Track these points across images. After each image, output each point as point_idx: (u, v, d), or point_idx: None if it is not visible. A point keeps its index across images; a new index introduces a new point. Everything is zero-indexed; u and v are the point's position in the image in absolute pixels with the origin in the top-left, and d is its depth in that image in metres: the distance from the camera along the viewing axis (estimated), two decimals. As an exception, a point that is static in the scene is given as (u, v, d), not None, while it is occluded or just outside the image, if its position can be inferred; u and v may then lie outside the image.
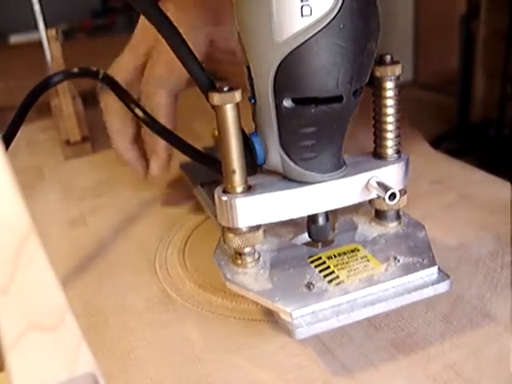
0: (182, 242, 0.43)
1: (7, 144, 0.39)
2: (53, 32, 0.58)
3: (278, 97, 0.29)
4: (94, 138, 0.65)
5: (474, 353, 0.29)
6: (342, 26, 0.27)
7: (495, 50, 1.70)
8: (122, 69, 0.45)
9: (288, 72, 0.28)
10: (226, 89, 0.28)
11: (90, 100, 0.65)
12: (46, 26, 0.64)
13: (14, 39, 2.11)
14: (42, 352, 0.18)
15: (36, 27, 0.68)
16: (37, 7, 0.69)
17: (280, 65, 0.28)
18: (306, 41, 0.27)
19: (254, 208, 0.30)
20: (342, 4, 0.26)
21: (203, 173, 0.44)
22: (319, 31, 0.27)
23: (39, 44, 0.65)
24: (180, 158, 0.43)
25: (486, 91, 1.81)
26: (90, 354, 0.19)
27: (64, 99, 0.60)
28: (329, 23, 0.26)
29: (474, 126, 1.84)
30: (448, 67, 2.21)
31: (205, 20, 0.44)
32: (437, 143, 1.49)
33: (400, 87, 0.32)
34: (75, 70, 0.44)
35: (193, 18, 0.44)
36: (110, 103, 0.45)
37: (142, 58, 0.45)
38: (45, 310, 0.18)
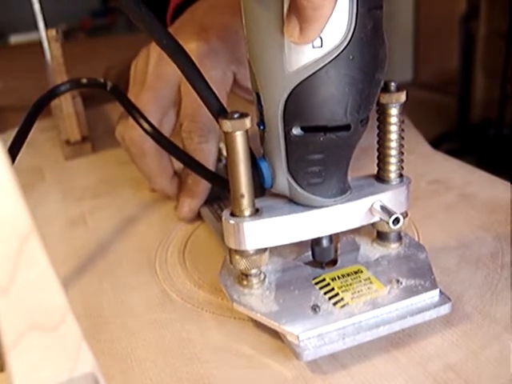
0: (182, 243, 0.43)
1: (14, 155, 0.38)
2: (53, 32, 0.58)
3: (287, 125, 0.30)
4: (93, 138, 0.65)
5: (474, 353, 0.29)
6: (351, 58, 0.27)
7: (495, 50, 1.69)
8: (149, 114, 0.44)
9: (298, 101, 0.29)
10: (236, 116, 0.29)
11: (89, 100, 0.65)
12: (46, 26, 0.64)
13: (14, 39, 2.12)
14: (43, 352, 0.18)
15: (36, 27, 0.68)
16: (37, 7, 0.69)
17: (290, 94, 0.28)
18: (317, 71, 0.27)
19: (261, 231, 0.31)
20: (352, 36, 0.27)
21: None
22: (329, 62, 0.27)
23: (39, 44, 0.65)
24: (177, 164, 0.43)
25: (486, 91, 1.81)
26: (91, 354, 0.19)
27: (64, 99, 0.60)
28: (339, 54, 0.27)
29: (474, 126, 1.84)
30: (448, 67, 2.21)
31: (229, 60, 0.45)
32: (437, 143, 1.49)
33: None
34: (84, 80, 0.44)
35: (218, 58, 0.45)
36: (145, 148, 0.44)
37: (167, 107, 0.45)
38: (45, 310, 0.18)
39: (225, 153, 0.32)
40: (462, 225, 0.41)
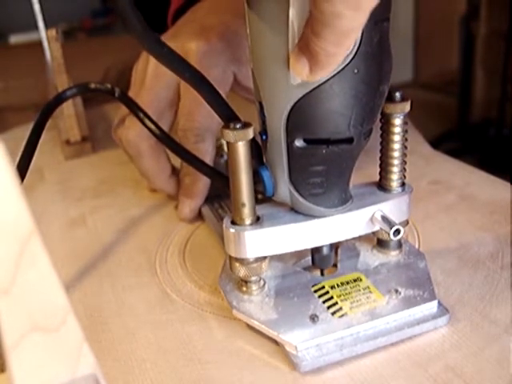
0: (182, 243, 0.43)
1: (24, 169, 0.38)
2: (53, 32, 0.58)
3: (289, 136, 0.30)
4: (93, 137, 0.65)
5: (474, 354, 0.29)
6: (356, 71, 0.27)
7: (495, 50, 1.69)
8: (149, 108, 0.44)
9: (301, 113, 0.28)
10: (238, 126, 0.29)
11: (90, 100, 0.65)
12: (46, 26, 0.64)
13: (14, 39, 2.12)
14: (44, 353, 0.18)
15: (36, 27, 0.68)
16: (37, 7, 0.69)
17: (294, 106, 0.28)
18: (321, 85, 0.27)
19: (262, 240, 0.31)
20: (358, 50, 0.26)
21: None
22: (334, 76, 0.27)
23: (39, 44, 0.65)
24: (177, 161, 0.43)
25: (486, 91, 1.81)
26: (92, 355, 0.19)
27: (64, 99, 0.60)
28: (343, 68, 0.27)
29: (474, 126, 1.84)
30: (448, 67, 2.21)
31: (229, 59, 0.45)
32: (437, 143, 1.49)
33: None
34: (92, 85, 0.44)
35: (218, 57, 0.45)
36: (142, 148, 0.45)
37: (164, 108, 0.45)
38: (47, 311, 0.18)
39: (226, 148, 0.32)
40: (462, 225, 0.41)
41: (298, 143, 0.30)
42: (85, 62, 0.99)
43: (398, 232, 0.31)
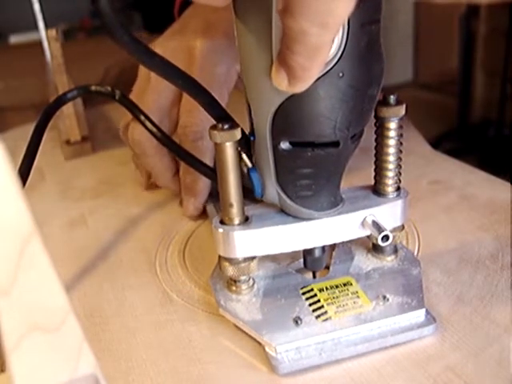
0: (182, 243, 0.43)
1: (26, 173, 0.38)
2: (53, 32, 0.58)
3: (275, 138, 0.29)
4: (93, 138, 0.65)
5: (474, 354, 0.29)
6: (341, 75, 0.27)
7: (495, 50, 1.69)
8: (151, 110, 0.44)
9: (285, 116, 0.28)
10: (226, 127, 0.29)
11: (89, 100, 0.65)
12: (46, 26, 0.64)
13: (14, 39, 2.12)
14: (44, 353, 0.18)
15: (36, 27, 0.68)
16: (37, 7, 0.69)
17: (278, 108, 0.28)
18: None
19: (250, 240, 0.31)
20: (343, 53, 0.26)
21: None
22: (318, 79, 0.26)
23: (39, 44, 0.65)
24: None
25: (485, 91, 1.81)
26: (92, 355, 0.19)
27: (64, 99, 0.60)
28: (328, 71, 0.26)
29: (474, 126, 1.84)
30: (448, 67, 2.21)
31: (233, 57, 0.45)
32: (437, 143, 1.49)
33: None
34: (93, 87, 0.44)
35: (223, 55, 0.45)
36: (147, 148, 0.45)
37: (168, 107, 0.46)
38: (47, 311, 0.18)
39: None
40: (462, 225, 0.41)
41: (284, 145, 0.29)
42: (85, 61, 0.99)
43: (386, 238, 0.31)
